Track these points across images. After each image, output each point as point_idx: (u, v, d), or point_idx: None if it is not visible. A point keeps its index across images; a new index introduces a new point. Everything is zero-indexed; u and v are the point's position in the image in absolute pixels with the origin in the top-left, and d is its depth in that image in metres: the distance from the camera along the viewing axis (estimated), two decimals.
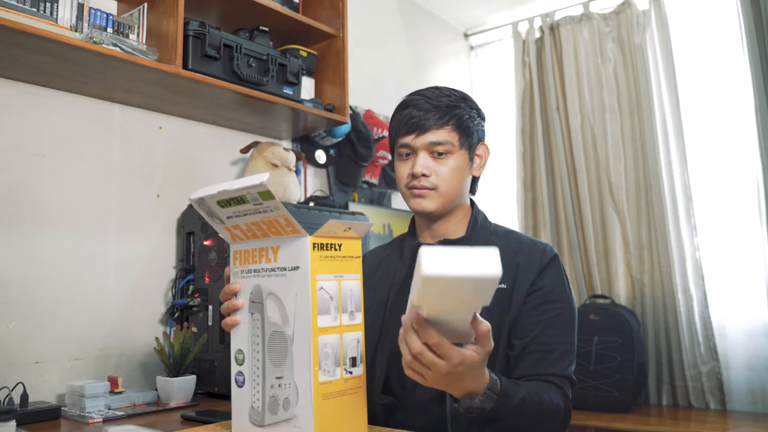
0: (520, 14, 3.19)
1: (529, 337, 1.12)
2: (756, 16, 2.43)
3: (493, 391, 0.92)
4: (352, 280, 0.93)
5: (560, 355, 1.12)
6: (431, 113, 1.17)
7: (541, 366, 1.11)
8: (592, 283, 2.82)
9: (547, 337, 1.13)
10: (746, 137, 2.50)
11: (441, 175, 1.18)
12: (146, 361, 1.75)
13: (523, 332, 1.13)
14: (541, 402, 1.02)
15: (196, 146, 1.98)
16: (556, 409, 1.05)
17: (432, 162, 1.18)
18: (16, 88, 1.56)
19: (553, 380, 1.10)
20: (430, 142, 1.17)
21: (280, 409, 0.89)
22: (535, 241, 1.24)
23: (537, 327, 1.13)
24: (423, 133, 1.17)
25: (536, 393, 1.02)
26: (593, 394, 2.42)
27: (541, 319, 1.14)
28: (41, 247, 1.58)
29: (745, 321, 2.50)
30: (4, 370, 1.46)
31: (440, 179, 1.18)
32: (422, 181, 1.18)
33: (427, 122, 1.17)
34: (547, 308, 1.15)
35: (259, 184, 0.81)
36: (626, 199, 2.78)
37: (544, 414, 1.02)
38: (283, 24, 1.99)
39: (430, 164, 1.18)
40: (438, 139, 1.17)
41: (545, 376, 1.10)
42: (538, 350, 1.12)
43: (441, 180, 1.18)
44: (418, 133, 1.17)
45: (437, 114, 1.17)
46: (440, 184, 1.18)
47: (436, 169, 1.18)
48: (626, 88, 2.83)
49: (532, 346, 1.12)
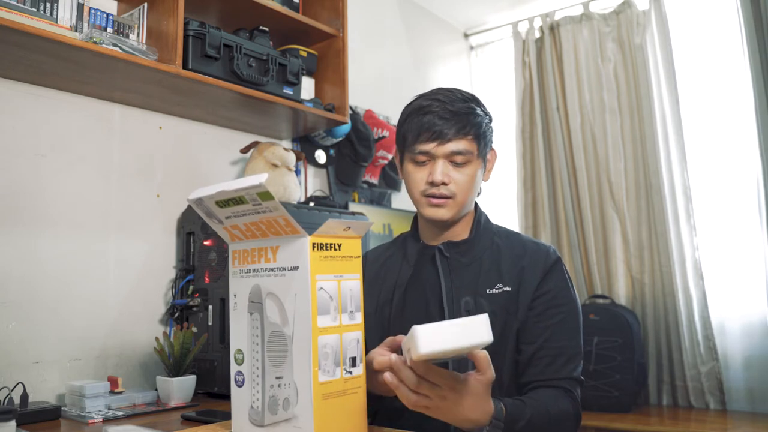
0: (520, 14, 3.19)
1: (537, 342, 1.14)
2: (756, 16, 2.43)
3: (499, 419, 0.94)
4: (351, 279, 0.93)
5: (568, 359, 1.14)
6: (452, 121, 1.16)
7: (550, 371, 1.12)
8: (592, 283, 2.82)
9: (555, 341, 1.14)
10: (746, 137, 2.50)
11: (459, 184, 1.18)
12: (146, 361, 1.75)
13: (530, 338, 1.15)
14: (548, 415, 1.03)
15: (196, 146, 1.98)
16: (566, 417, 1.07)
17: (451, 170, 1.18)
18: (16, 88, 1.56)
19: (563, 384, 1.12)
20: (451, 152, 1.17)
21: (280, 409, 0.89)
22: (537, 243, 1.24)
23: (544, 332, 1.14)
24: (445, 142, 1.17)
25: (543, 407, 1.04)
26: (593, 394, 2.42)
27: (548, 324, 1.15)
28: (41, 247, 1.58)
29: (745, 321, 2.50)
30: (4, 370, 1.46)
31: (458, 187, 1.18)
32: (441, 189, 1.18)
33: (449, 131, 1.16)
34: (553, 313, 1.16)
35: (257, 184, 0.81)
36: (626, 198, 2.78)
37: (552, 425, 1.04)
38: (283, 24, 1.99)
39: (449, 172, 1.18)
40: (459, 148, 1.17)
41: (554, 380, 1.12)
42: (546, 355, 1.13)
43: (459, 188, 1.18)
44: (440, 141, 1.17)
45: (459, 123, 1.17)
46: (458, 192, 1.19)
47: (455, 177, 1.18)
48: (626, 88, 2.83)
49: (541, 352, 1.14)
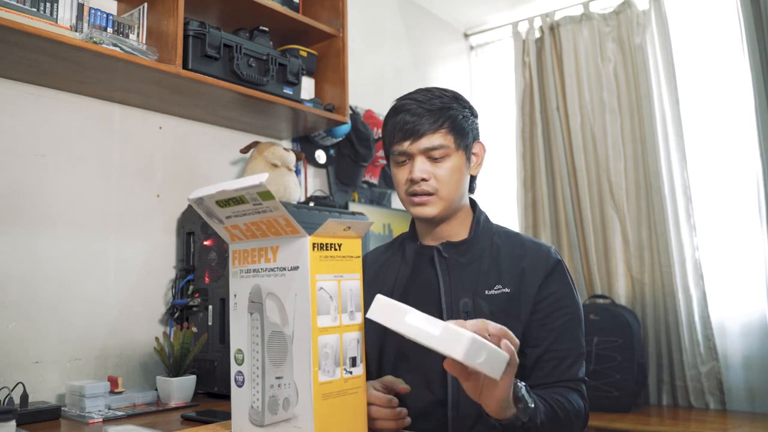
0: (520, 14, 3.19)
1: (542, 345, 1.14)
2: (756, 16, 2.43)
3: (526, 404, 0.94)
4: (352, 279, 0.93)
5: (573, 361, 1.14)
6: (425, 117, 1.16)
7: (556, 374, 1.13)
8: (592, 283, 2.82)
9: (560, 344, 1.14)
10: (746, 137, 2.50)
11: (440, 178, 1.17)
12: (146, 361, 1.75)
13: (535, 341, 1.15)
14: (566, 409, 1.05)
15: (196, 146, 1.98)
16: (580, 413, 1.09)
17: (430, 166, 1.17)
18: (16, 88, 1.56)
19: (570, 385, 1.13)
20: (425, 147, 1.16)
21: (280, 409, 0.89)
22: (538, 243, 1.23)
23: (550, 335, 1.15)
24: (418, 139, 1.16)
25: (559, 402, 1.05)
26: (593, 394, 2.42)
27: (553, 327, 1.15)
28: (41, 247, 1.58)
29: (745, 321, 2.50)
30: (4, 370, 1.46)
31: (440, 182, 1.18)
32: (422, 185, 1.17)
33: (421, 127, 1.16)
34: (557, 315, 1.16)
35: (258, 184, 0.81)
36: (626, 198, 2.78)
37: (570, 419, 1.05)
38: (283, 24, 1.99)
39: (428, 168, 1.17)
40: (433, 143, 1.16)
41: (561, 382, 1.12)
42: (552, 358, 1.13)
43: (441, 183, 1.18)
44: (413, 139, 1.16)
45: (431, 118, 1.16)
46: (440, 187, 1.18)
47: (435, 172, 1.17)
48: (626, 88, 2.83)
49: (547, 355, 1.14)
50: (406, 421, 1.03)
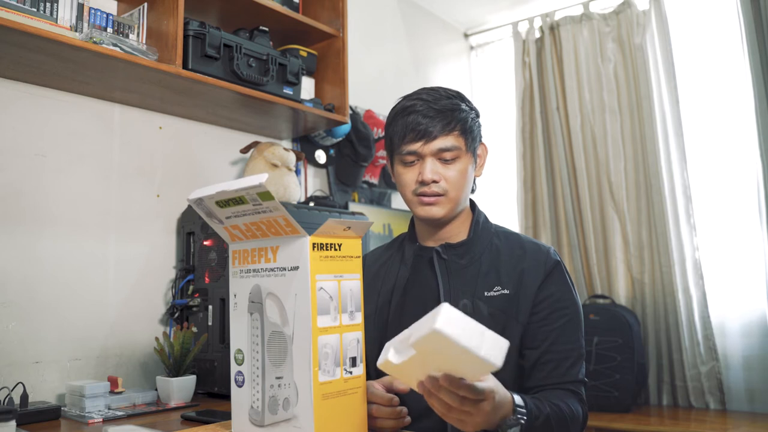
0: (520, 14, 3.19)
1: (542, 347, 1.14)
2: (756, 16, 2.43)
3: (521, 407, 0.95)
4: (352, 280, 0.93)
5: (573, 362, 1.14)
6: (437, 119, 1.16)
7: (556, 375, 1.13)
8: (592, 283, 2.82)
9: (560, 345, 1.14)
10: (746, 137, 2.50)
11: (450, 180, 1.18)
12: (146, 361, 1.75)
13: (535, 342, 1.15)
14: (563, 414, 1.05)
15: (196, 146, 1.98)
16: (577, 417, 1.09)
17: (440, 167, 1.18)
18: (16, 88, 1.56)
19: (570, 387, 1.12)
20: (439, 149, 1.17)
21: (280, 409, 0.89)
22: (537, 244, 1.23)
23: (549, 336, 1.14)
24: (431, 140, 1.16)
25: (557, 406, 1.05)
26: (593, 394, 2.42)
27: (553, 328, 1.15)
28: (41, 247, 1.58)
29: (745, 321, 2.50)
30: (4, 370, 1.46)
31: (450, 184, 1.18)
32: (432, 187, 1.17)
33: (434, 129, 1.16)
34: (557, 317, 1.16)
35: (258, 184, 0.81)
36: (626, 198, 2.78)
37: (566, 424, 1.05)
38: (283, 24, 1.99)
39: (438, 169, 1.17)
40: (447, 145, 1.16)
41: (561, 384, 1.12)
42: (552, 359, 1.13)
43: (450, 185, 1.18)
44: (426, 140, 1.17)
45: (444, 120, 1.16)
46: (450, 188, 1.18)
47: (445, 174, 1.18)
48: (626, 88, 2.83)
49: (546, 356, 1.14)
50: (406, 420, 1.03)
